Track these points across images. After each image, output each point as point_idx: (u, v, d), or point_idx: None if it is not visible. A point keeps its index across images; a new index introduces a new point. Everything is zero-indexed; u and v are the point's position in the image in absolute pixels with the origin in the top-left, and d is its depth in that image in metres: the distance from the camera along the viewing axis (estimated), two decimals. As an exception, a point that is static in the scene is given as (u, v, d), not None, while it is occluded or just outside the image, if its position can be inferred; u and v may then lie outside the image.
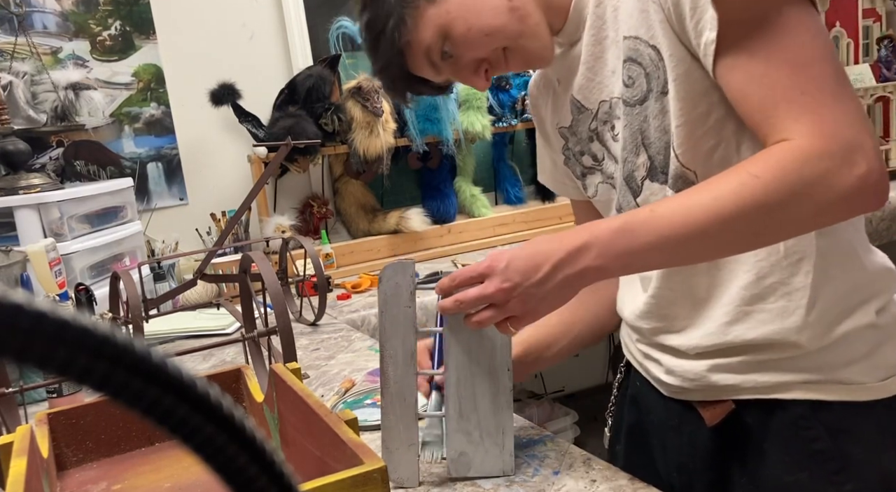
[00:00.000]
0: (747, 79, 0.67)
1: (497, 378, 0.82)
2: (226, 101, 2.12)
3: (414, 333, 0.82)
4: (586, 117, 0.87)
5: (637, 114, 0.78)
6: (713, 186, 0.67)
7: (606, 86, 0.83)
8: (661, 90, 0.75)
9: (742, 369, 0.79)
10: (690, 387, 0.83)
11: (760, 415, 0.80)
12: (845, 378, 0.76)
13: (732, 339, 0.78)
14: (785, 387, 0.78)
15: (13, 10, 1.97)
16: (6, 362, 0.20)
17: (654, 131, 0.78)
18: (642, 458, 0.94)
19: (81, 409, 0.82)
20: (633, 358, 0.95)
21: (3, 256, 1.37)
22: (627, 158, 0.82)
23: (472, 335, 0.82)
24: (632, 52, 0.77)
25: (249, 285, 1.17)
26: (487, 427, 0.82)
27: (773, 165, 0.64)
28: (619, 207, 0.87)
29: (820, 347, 0.76)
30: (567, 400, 2.83)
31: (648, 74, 0.76)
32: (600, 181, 0.90)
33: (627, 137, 0.81)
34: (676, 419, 0.88)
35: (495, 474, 0.83)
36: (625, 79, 0.78)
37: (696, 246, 0.68)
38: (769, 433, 0.79)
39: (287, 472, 0.22)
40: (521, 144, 2.65)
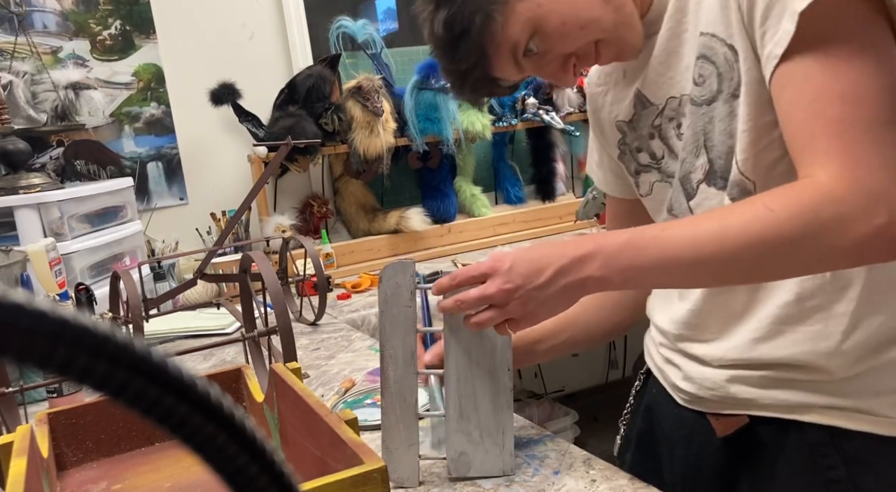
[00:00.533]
0: (795, 101, 0.65)
1: (497, 378, 0.82)
2: (226, 100, 2.12)
3: (414, 333, 0.82)
4: (650, 113, 0.84)
5: (703, 114, 0.75)
6: (726, 213, 0.66)
7: (678, 82, 0.79)
8: (733, 93, 0.72)
9: (763, 383, 0.77)
10: (707, 396, 0.82)
11: (776, 433, 0.77)
12: (871, 409, 0.73)
13: (759, 355, 0.76)
14: (805, 409, 0.75)
15: (13, 9, 1.97)
16: (6, 362, 0.20)
17: (719, 135, 0.75)
18: (649, 466, 0.92)
19: (81, 409, 0.82)
20: (654, 363, 0.93)
21: (3, 255, 1.37)
22: (686, 159, 0.79)
23: (473, 335, 0.82)
24: (706, 50, 0.74)
25: (249, 285, 1.17)
26: (487, 427, 0.82)
27: (790, 201, 0.62)
28: (671, 207, 0.84)
29: (849, 376, 0.73)
30: (567, 400, 2.83)
31: (721, 75, 0.73)
32: (657, 180, 0.87)
33: (689, 136, 0.78)
34: (687, 429, 0.86)
35: (495, 474, 0.82)
36: (695, 77, 0.75)
37: (698, 272, 0.67)
38: (783, 454, 0.77)
39: (287, 472, 0.22)
40: (521, 143, 2.64)
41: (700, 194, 0.79)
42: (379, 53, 2.37)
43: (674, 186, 0.83)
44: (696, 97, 0.76)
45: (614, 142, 0.91)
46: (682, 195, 0.81)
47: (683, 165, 0.80)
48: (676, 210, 0.83)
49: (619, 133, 0.90)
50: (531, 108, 2.45)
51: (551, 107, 2.50)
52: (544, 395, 2.82)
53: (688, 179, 0.79)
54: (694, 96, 0.76)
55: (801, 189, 0.63)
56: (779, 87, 0.67)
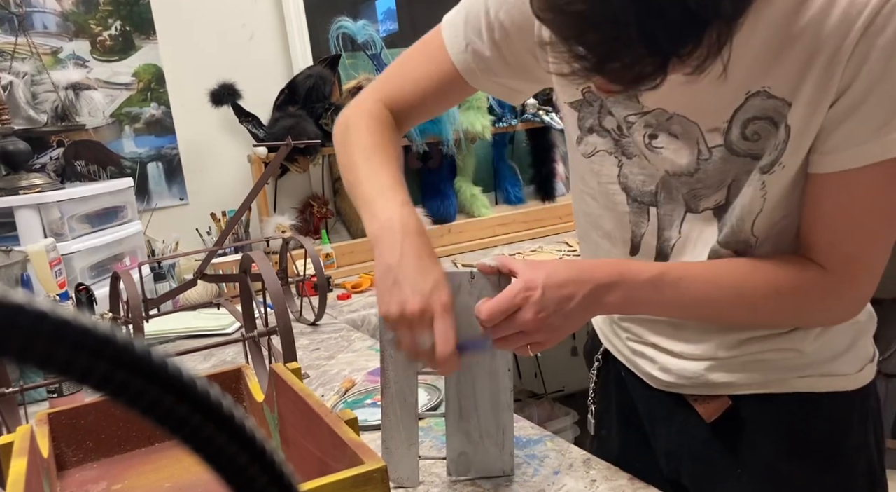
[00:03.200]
0: (846, 204, 0.70)
1: (497, 378, 0.82)
2: (226, 101, 2.12)
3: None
4: (633, 106, 0.76)
5: (734, 163, 0.73)
6: (740, 286, 0.74)
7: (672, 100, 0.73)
8: (762, 168, 0.71)
9: (739, 368, 0.81)
10: (685, 383, 0.84)
11: (755, 408, 0.82)
12: (833, 370, 0.80)
13: (736, 353, 0.81)
14: (779, 382, 0.81)
15: (13, 10, 1.97)
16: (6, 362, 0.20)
17: (742, 194, 0.74)
18: (638, 439, 0.94)
19: (81, 409, 0.82)
20: (620, 353, 0.94)
21: (4, 256, 1.37)
22: (706, 183, 0.76)
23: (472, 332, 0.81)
24: (774, 114, 0.69)
25: (249, 285, 1.17)
26: (487, 427, 0.82)
27: (799, 290, 0.73)
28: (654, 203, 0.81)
29: (813, 348, 0.80)
30: (567, 400, 2.83)
31: (766, 148, 0.70)
32: (606, 149, 0.81)
33: (711, 173, 0.75)
34: (666, 410, 0.88)
35: (495, 474, 0.82)
36: (747, 133, 0.71)
37: (705, 318, 0.79)
38: (763, 425, 0.82)
39: (287, 472, 0.22)
40: (521, 143, 2.65)
41: (702, 216, 0.78)
42: (379, 54, 2.37)
43: (661, 189, 0.79)
44: (740, 150, 0.72)
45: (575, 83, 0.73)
46: (681, 207, 0.79)
47: (693, 191, 0.77)
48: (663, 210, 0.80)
49: (580, 95, 0.80)
50: (531, 108, 2.45)
51: (551, 107, 2.50)
52: (544, 395, 2.82)
53: (696, 200, 0.78)
54: (738, 149, 0.72)
55: (810, 280, 0.73)
56: (837, 182, 0.69)
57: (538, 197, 2.60)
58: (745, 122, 0.70)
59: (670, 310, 0.77)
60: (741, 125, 0.71)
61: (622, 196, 0.82)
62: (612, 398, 1.00)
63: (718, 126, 0.72)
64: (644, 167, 0.80)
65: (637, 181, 0.80)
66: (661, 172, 0.78)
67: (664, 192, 0.79)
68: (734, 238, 0.76)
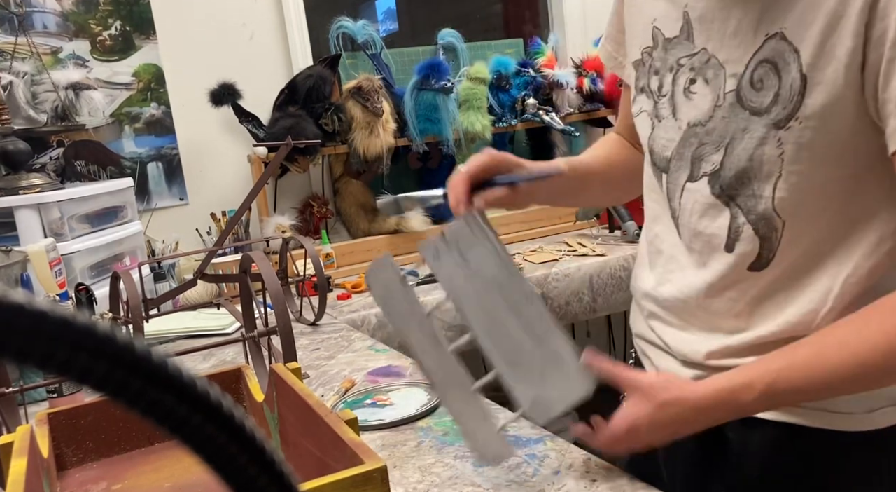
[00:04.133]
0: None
1: (523, 312, 0.76)
2: (226, 101, 2.12)
3: (426, 317, 0.80)
4: (685, 48, 0.75)
5: (741, 118, 0.69)
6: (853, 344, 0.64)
7: (718, 42, 0.71)
8: (776, 123, 0.66)
9: None
10: None
11: (741, 430, 0.78)
12: (829, 406, 0.73)
13: (725, 363, 0.77)
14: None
15: (13, 10, 1.97)
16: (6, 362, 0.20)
17: (741, 151, 0.70)
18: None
19: (81, 409, 0.82)
20: (638, 350, 0.94)
21: (4, 256, 1.37)
22: (705, 145, 0.73)
23: (477, 287, 0.78)
24: (779, 60, 0.65)
25: (249, 285, 1.17)
26: (543, 359, 0.76)
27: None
28: (667, 168, 0.79)
29: None
30: (567, 400, 2.83)
31: (777, 96, 0.66)
32: (646, 110, 0.81)
33: (720, 127, 0.72)
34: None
35: (577, 399, 0.75)
36: (754, 79, 0.68)
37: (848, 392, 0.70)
38: (747, 450, 0.78)
39: (287, 472, 0.22)
40: (521, 144, 2.64)
41: (698, 184, 0.75)
42: (379, 54, 2.37)
43: (673, 150, 0.78)
44: (745, 99, 0.69)
45: (639, 43, 0.82)
46: (685, 171, 0.76)
47: (700, 148, 0.74)
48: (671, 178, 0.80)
49: (651, 40, 0.80)
50: (531, 108, 2.45)
51: (551, 107, 2.50)
52: (544, 395, 2.82)
53: (698, 161, 0.75)
54: (744, 96, 0.69)
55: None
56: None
57: (538, 197, 2.60)
58: (756, 66, 0.68)
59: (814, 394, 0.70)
60: (752, 71, 0.68)
61: (649, 157, 0.83)
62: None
63: (738, 71, 0.69)
64: (668, 129, 0.78)
65: (659, 145, 0.80)
66: (684, 127, 0.76)
67: (677, 154, 0.77)
68: (754, 210, 0.70)
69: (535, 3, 2.80)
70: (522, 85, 2.47)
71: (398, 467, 0.87)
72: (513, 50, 2.61)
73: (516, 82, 2.47)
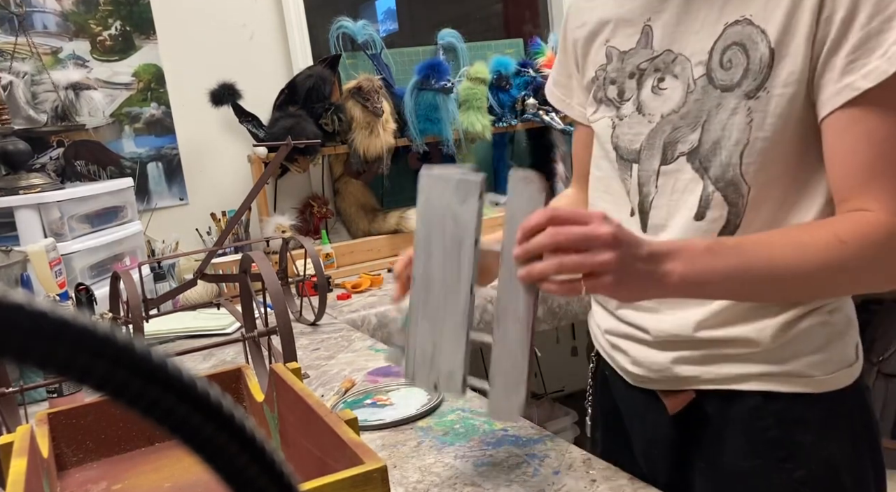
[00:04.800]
0: (865, 137, 0.68)
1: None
2: (226, 101, 2.12)
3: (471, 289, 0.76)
4: (644, 54, 0.84)
5: (715, 97, 0.77)
6: (798, 239, 0.71)
7: (681, 40, 0.80)
8: (747, 93, 0.74)
9: (703, 361, 0.82)
10: (655, 377, 0.87)
11: (719, 404, 0.83)
12: (797, 371, 0.80)
13: (699, 336, 0.82)
14: (742, 379, 0.81)
15: (13, 10, 1.97)
16: (6, 362, 0.20)
17: (717, 123, 0.77)
18: (620, 442, 0.97)
19: (81, 409, 0.82)
20: (602, 349, 0.98)
21: (4, 256, 1.37)
22: (680, 128, 0.80)
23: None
24: (745, 39, 0.74)
25: (249, 285, 1.17)
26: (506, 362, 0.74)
27: (860, 235, 0.69)
28: (636, 159, 0.84)
29: (778, 344, 0.79)
30: (567, 400, 2.83)
31: (748, 70, 0.74)
32: (608, 115, 0.88)
33: (693, 109, 0.79)
34: (641, 408, 0.91)
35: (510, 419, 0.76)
36: (723, 61, 0.76)
37: (769, 284, 0.72)
38: (727, 422, 0.83)
39: (287, 472, 0.22)
40: (521, 144, 2.65)
41: (675, 165, 0.81)
42: (379, 54, 2.37)
43: (643, 141, 0.84)
44: (717, 79, 0.77)
45: (593, 64, 0.90)
46: (658, 158, 0.82)
47: (674, 132, 0.80)
48: (642, 166, 0.84)
49: (606, 59, 0.89)
50: (531, 108, 2.45)
51: (551, 107, 2.50)
52: (544, 395, 2.82)
53: (672, 145, 0.81)
54: (717, 78, 0.77)
55: (867, 224, 0.69)
56: (846, 120, 0.69)
57: (538, 197, 2.60)
58: (723, 50, 0.76)
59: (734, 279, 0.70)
60: (720, 53, 0.76)
61: (614, 154, 0.88)
62: (598, 400, 1.03)
63: (703, 59, 0.78)
64: (633, 125, 0.85)
65: (625, 140, 0.86)
66: (657, 120, 0.82)
67: (647, 144, 0.84)
68: (722, 178, 0.77)
69: (535, 3, 2.80)
70: (522, 85, 2.47)
71: (398, 467, 0.88)
72: (513, 50, 2.61)
73: (516, 82, 2.47)
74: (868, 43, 0.67)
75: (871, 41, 0.67)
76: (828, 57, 0.70)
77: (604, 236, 0.65)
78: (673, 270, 0.68)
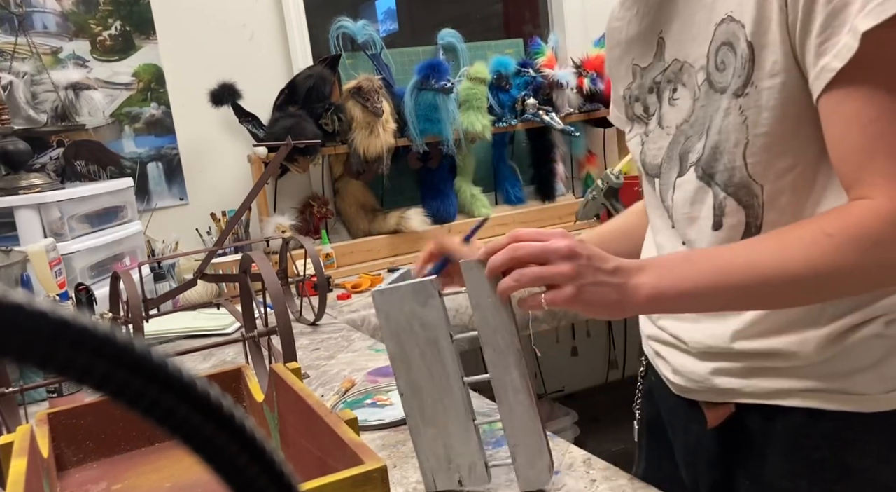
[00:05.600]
0: (853, 119, 0.64)
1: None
2: (226, 101, 2.12)
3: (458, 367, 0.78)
4: (658, 67, 0.84)
5: (715, 100, 0.75)
6: (780, 238, 0.66)
7: (686, 47, 0.79)
8: (735, 91, 0.72)
9: (744, 373, 0.79)
10: (695, 388, 0.83)
11: (762, 420, 0.79)
12: (847, 388, 0.74)
13: (738, 347, 0.78)
14: (785, 394, 0.77)
15: (13, 10, 1.97)
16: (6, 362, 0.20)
17: (714, 127, 0.75)
18: (663, 450, 0.94)
19: (81, 409, 0.82)
20: (649, 353, 0.95)
21: (4, 256, 1.37)
22: (691, 137, 0.79)
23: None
24: (732, 38, 0.72)
25: (249, 285, 1.17)
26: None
27: (849, 225, 0.63)
28: (658, 173, 0.84)
29: (822, 359, 0.74)
30: (567, 400, 2.83)
31: (735, 69, 0.72)
32: (640, 132, 0.88)
33: (700, 116, 0.78)
34: (684, 417, 0.88)
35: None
36: (717, 62, 0.75)
37: (754, 293, 0.67)
38: (770, 439, 0.79)
39: (287, 472, 0.22)
40: (521, 144, 2.65)
41: (687, 176, 0.79)
42: (379, 54, 2.37)
43: (663, 156, 0.83)
44: (715, 82, 0.75)
45: (622, 83, 0.91)
46: (675, 170, 0.81)
47: (687, 142, 0.79)
48: (663, 180, 0.84)
49: (631, 76, 0.89)
50: (531, 108, 2.45)
51: (551, 107, 2.50)
52: (544, 395, 2.82)
53: (686, 156, 0.80)
54: (714, 81, 0.75)
55: (860, 213, 0.63)
56: (834, 103, 0.65)
57: (538, 197, 2.60)
58: (716, 51, 0.75)
59: (714, 289, 0.67)
60: (714, 55, 0.75)
61: (643, 170, 0.88)
62: (645, 406, 1.00)
63: (703, 63, 0.76)
64: (655, 140, 0.84)
65: (650, 155, 0.85)
66: (673, 132, 0.81)
67: (667, 157, 0.82)
68: (731, 182, 0.74)
69: (535, 3, 2.80)
70: (522, 85, 2.47)
71: (398, 467, 0.87)
72: (513, 50, 2.61)
73: (516, 82, 2.47)
74: (835, 20, 0.64)
75: (837, 18, 0.63)
76: (802, 40, 0.67)
77: (561, 249, 0.66)
78: (643, 282, 0.67)
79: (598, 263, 0.67)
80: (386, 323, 0.78)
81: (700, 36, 0.76)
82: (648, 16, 0.84)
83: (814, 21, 0.65)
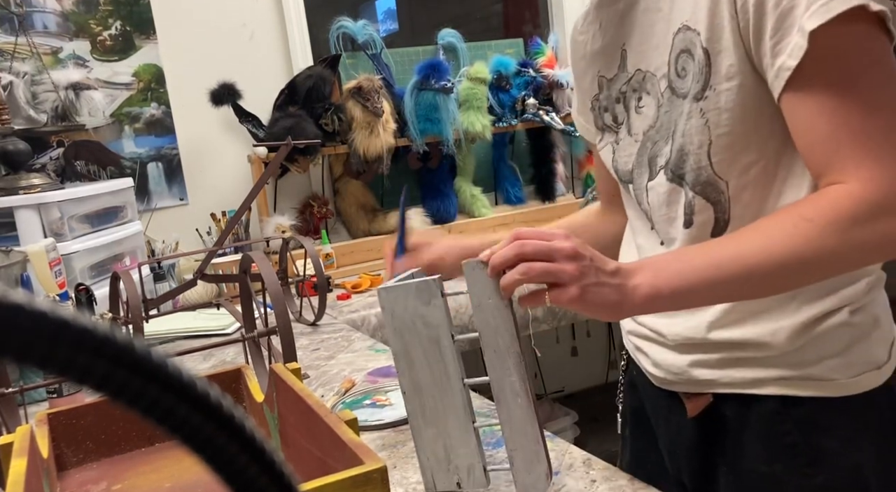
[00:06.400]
0: (817, 112, 0.67)
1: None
2: (226, 101, 2.12)
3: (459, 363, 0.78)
4: (623, 78, 0.87)
5: (677, 105, 0.79)
6: (764, 227, 0.69)
7: (648, 57, 0.83)
8: (695, 95, 0.75)
9: (720, 364, 0.82)
10: (675, 380, 0.87)
11: (738, 408, 0.83)
12: (817, 375, 0.78)
13: (713, 338, 0.81)
14: (760, 383, 0.80)
15: (13, 10, 1.97)
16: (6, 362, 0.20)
17: (679, 131, 0.78)
18: (648, 440, 0.97)
19: (81, 409, 0.82)
20: (629, 348, 0.99)
21: (4, 256, 1.37)
22: (658, 142, 0.82)
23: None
24: (689, 45, 0.76)
25: (249, 285, 1.17)
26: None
27: (826, 209, 0.66)
28: (630, 179, 0.88)
29: (793, 348, 0.78)
30: (567, 400, 2.84)
31: (693, 74, 0.76)
32: (610, 141, 0.92)
33: (665, 121, 0.81)
34: (665, 408, 0.91)
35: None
36: (678, 69, 0.78)
37: (744, 282, 0.69)
38: (746, 426, 0.82)
39: (287, 472, 0.22)
40: (521, 144, 2.65)
41: (658, 179, 0.83)
42: (379, 54, 2.37)
43: (633, 161, 0.87)
44: (677, 88, 0.79)
45: (590, 95, 0.94)
46: (646, 174, 0.85)
47: (653, 147, 0.83)
48: (636, 184, 0.87)
49: (597, 88, 0.92)
50: (531, 108, 2.45)
51: (551, 107, 2.50)
52: (544, 395, 2.82)
53: (654, 160, 0.83)
54: (675, 87, 0.79)
55: (835, 197, 0.66)
56: (795, 100, 0.69)
57: (538, 197, 2.60)
58: (675, 59, 0.78)
59: (707, 283, 0.68)
60: (674, 63, 0.79)
61: (616, 177, 0.92)
62: (627, 398, 1.04)
63: (665, 71, 0.80)
64: (625, 147, 0.88)
65: (621, 163, 0.89)
66: (640, 138, 0.85)
67: (636, 163, 0.86)
68: (698, 181, 0.78)
69: (535, 3, 2.80)
70: (522, 85, 2.47)
71: (398, 467, 0.87)
72: (513, 50, 2.61)
73: (516, 82, 2.47)
74: (784, 22, 0.67)
75: (787, 20, 0.67)
76: (756, 43, 0.70)
77: (565, 249, 0.68)
78: (641, 282, 0.68)
79: (600, 265, 0.68)
80: (391, 320, 0.79)
81: (661, 45, 0.80)
82: (610, 29, 0.88)
83: (765, 25, 0.68)
